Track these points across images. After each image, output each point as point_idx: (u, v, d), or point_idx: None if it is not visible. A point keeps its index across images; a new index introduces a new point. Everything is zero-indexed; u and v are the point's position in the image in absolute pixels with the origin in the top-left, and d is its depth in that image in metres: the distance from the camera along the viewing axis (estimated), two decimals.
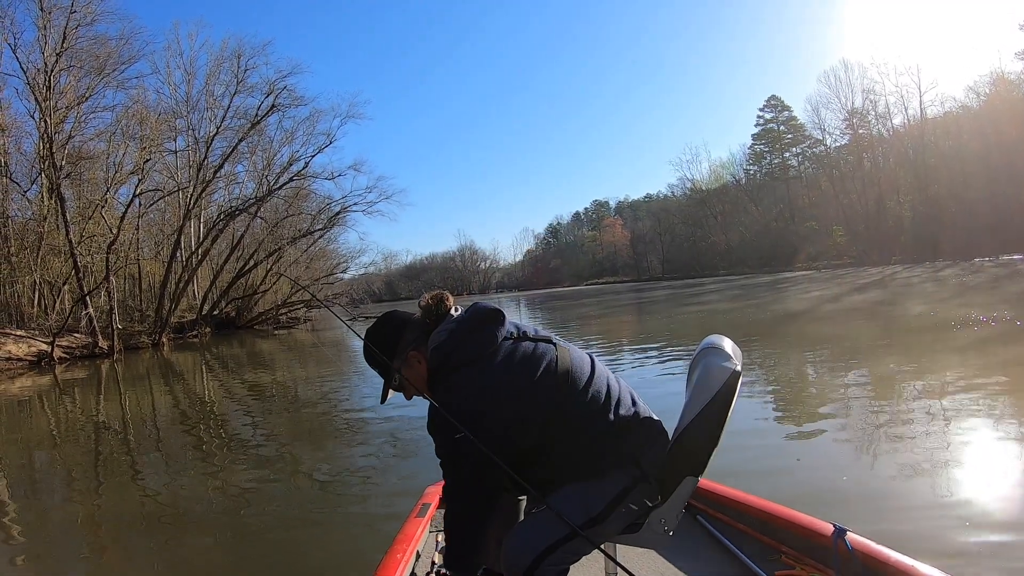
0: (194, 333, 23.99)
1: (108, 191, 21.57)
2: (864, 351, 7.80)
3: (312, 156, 26.97)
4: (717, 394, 1.32)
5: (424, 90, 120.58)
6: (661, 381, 6.72)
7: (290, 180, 26.83)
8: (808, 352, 8.18)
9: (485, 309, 1.44)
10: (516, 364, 1.36)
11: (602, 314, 22.10)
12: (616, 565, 1.00)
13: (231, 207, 26.89)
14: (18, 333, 17.02)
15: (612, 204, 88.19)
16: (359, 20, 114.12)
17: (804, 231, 53.06)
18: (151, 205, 25.54)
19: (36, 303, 20.02)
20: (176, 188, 25.51)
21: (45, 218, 20.03)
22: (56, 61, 19.58)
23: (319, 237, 30.44)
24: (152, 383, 11.85)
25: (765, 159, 63.96)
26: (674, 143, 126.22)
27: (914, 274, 26.55)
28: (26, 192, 21.18)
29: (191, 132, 26.76)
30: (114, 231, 19.94)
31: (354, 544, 3.04)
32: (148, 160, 21.87)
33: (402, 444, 4.82)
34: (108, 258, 19.18)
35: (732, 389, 1.33)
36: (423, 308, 1.48)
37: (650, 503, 1.36)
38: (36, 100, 19.34)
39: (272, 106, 24.99)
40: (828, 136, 53.84)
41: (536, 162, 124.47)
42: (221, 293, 27.12)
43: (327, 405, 7.61)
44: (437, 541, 1.95)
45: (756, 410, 4.84)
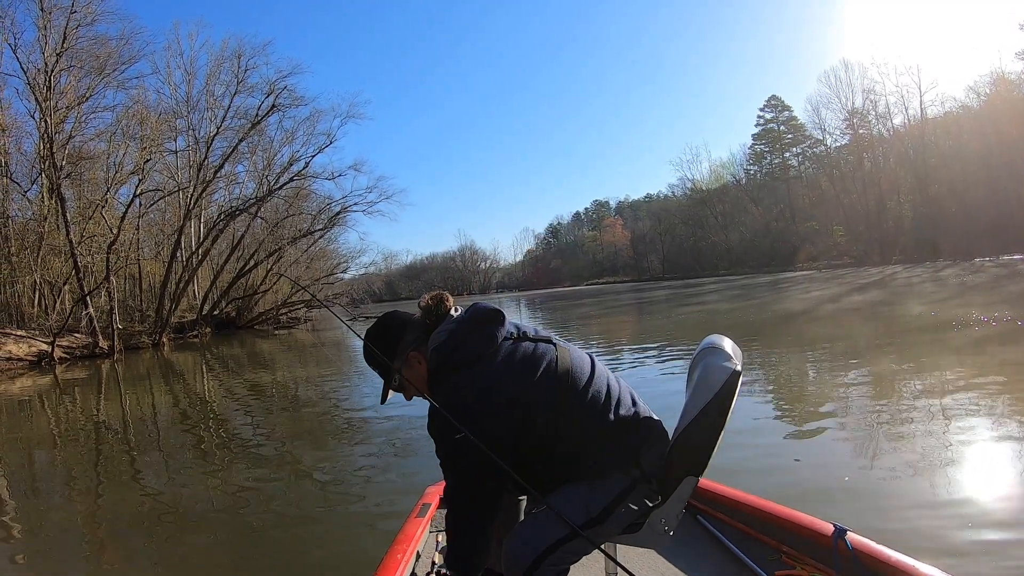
0: (194, 333, 23.98)
1: (108, 191, 21.57)
2: (864, 351, 7.80)
3: (312, 156, 26.98)
4: (717, 394, 1.32)
5: (424, 90, 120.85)
6: (661, 381, 6.73)
7: (290, 180, 26.81)
8: (808, 352, 8.18)
9: (485, 309, 1.44)
10: (516, 364, 1.36)
11: (602, 314, 22.09)
12: (616, 565, 1.00)
13: (231, 207, 26.89)
14: (18, 333, 17.02)
15: (612, 204, 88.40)
16: (359, 20, 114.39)
17: (804, 231, 53.09)
18: (151, 205, 25.54)
19: (36, 303, 20.00)
20: (176, 188, 25.50)
21: (45, 218, 20.01)
22: (56, 61, 19.58)
23: (319, 237, 30.42)
24: (152, 383, 11.85)
25: (765, 159, 64.01)
26: (674, 143, 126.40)
27: (914, 274, 26.54)
28: (26, 192, 21.20)
29: (191, 132, 26.80)
30: (114, 231, 19.92)
31: (354, 543, 3.04)
32: (148, 160, 21.85)
33: (402, 444, 4.82)
34: (108, 258, 19.16)
35: (732, 389, 1.33)
36: (423, 308, 1.48)
37: (650, 503, 1.36)
38: (36, 100, 19.34)
39: (272, 106, 24.99)
40: (828, 136, 54.01)
41: (536, 162, 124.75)
42: (221, 293, 27.13)
43: (327, 405, 7.61)
44: (437, 541, 1.96)
45: (756, 410, 4.84)
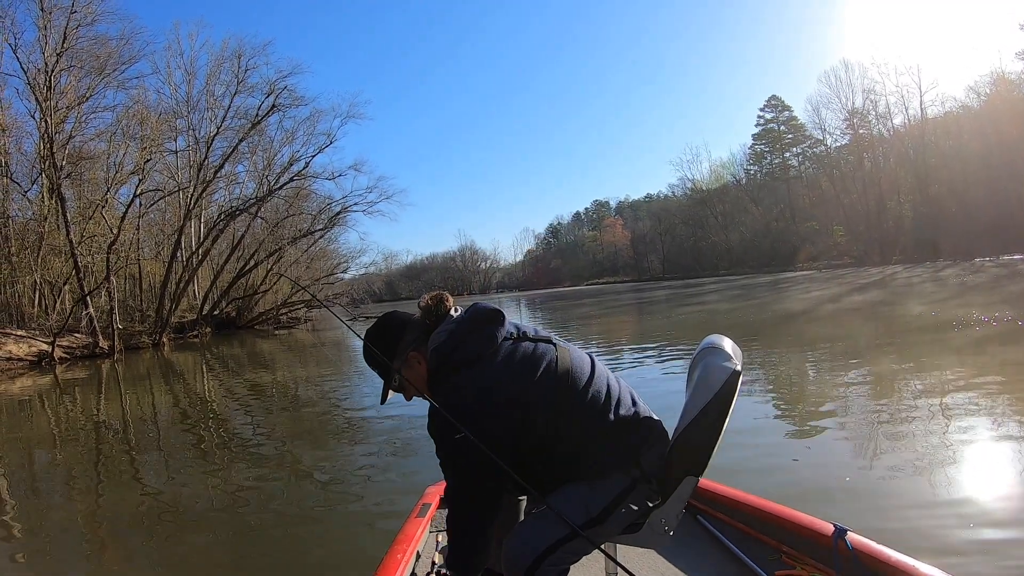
0: (194, 333, 23.98)
1: (108, 191, 21.57)
2: (864, 351, 7.80)
3: (312, 156, 26.99)
4: (717, 394, 1.32)
5: (424, 90, 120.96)
6: (661, 381, 6.73)
7: (290, 180, 26.82)
8: (808, 352, 8.18)
9: (485, 309, 1.44)
10: (516, 364, 1.36)
11: (602, 314, 22.09)
12: (616, 565, 1.00)
13: (231, 207, 26.90)
14: (19, 333, 17.02)
15: (612, 204, 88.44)
16: (359, 20, 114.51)
17: (804, 231, 53.10)
18: (151, 205, 25.56)
19: (37, 303, 20.01)
20: (176, 188, 25.51)
21: (46, 218, 20.01)
22: (56, 61, 19.58)
23: (319, 237, 30.42)
24: (152, 383, 11.85)
25: (765, 159, 64.02)
26: (674, 143, 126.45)
27: (914, 274, 26.54)
28: (26, 192, 21.21)
29: (191, 132, 26.79)
30: (114, 231, 19.92)
31: (354, 543, 3.04)
32: (148, 160, 21.86)
33: (402, 444, 4.81)
34: (108, 258, 19.16)
35: (732, 389, 1.33)
36: (423, 309, 1.48)
37: (650, 503, 1.36)
38: (36, 100, 19.35)
39: (272, 106, 25.00)
40: (828, 136, 54.02)
41: (536, 162, 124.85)
42: (221, 293, 27.13)
43: (327, 405, 7.61)
44: (437, 541, 1.96)
45: (756, 410, 4.84)
